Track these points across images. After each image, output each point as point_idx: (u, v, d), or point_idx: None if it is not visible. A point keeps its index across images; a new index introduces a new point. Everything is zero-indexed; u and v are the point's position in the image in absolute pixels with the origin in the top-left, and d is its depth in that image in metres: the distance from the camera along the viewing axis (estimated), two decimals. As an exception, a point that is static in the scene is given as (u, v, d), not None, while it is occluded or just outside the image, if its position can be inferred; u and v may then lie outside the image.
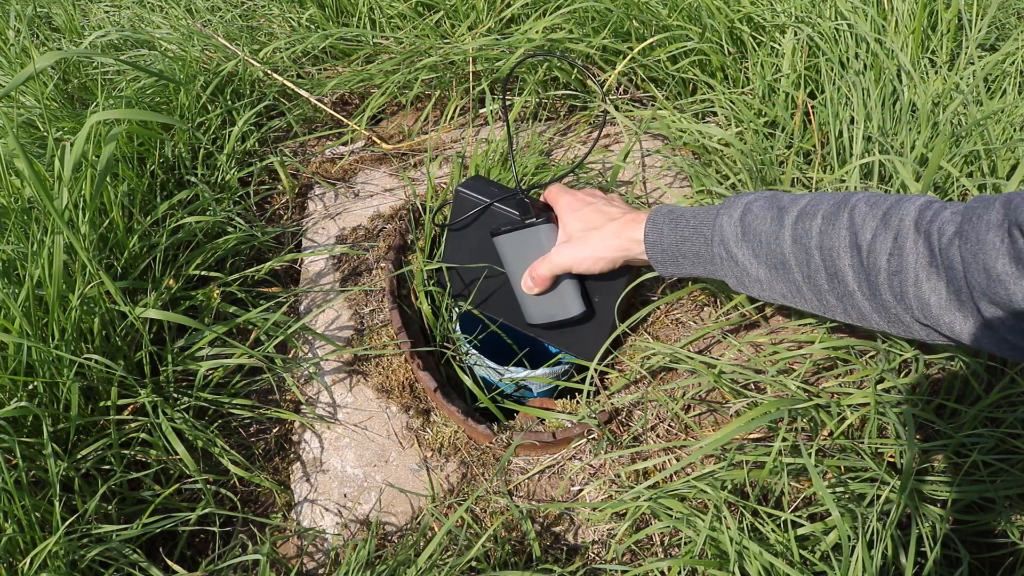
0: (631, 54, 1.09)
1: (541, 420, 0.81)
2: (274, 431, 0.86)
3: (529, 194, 0.81)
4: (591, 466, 0.78)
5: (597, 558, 0.72)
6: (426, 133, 1.19)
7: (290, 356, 0.90)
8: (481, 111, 1.19)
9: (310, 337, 0.92)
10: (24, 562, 0.64)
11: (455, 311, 0.89)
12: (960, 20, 1.09)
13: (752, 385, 0.79)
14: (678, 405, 0.79)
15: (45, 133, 1.00)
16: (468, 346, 0.86)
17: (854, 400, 0.72)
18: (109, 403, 0.77)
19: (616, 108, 1.15)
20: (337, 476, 0.81)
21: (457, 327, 0.88)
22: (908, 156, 0.90)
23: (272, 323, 0.87)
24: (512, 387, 0.89)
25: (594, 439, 0.79)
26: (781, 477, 0.68)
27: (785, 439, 0.68)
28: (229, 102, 1.15)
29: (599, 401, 0.82)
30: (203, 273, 0.92)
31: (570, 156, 1.09)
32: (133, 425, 0.78)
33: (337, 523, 0.77)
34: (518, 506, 0.76)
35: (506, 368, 0.84)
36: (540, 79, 1.15)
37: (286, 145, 1.17)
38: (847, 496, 0.68)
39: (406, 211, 1.04)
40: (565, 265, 0.76)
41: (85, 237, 0.81)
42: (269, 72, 1.20)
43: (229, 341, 0.84)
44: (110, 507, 0.74)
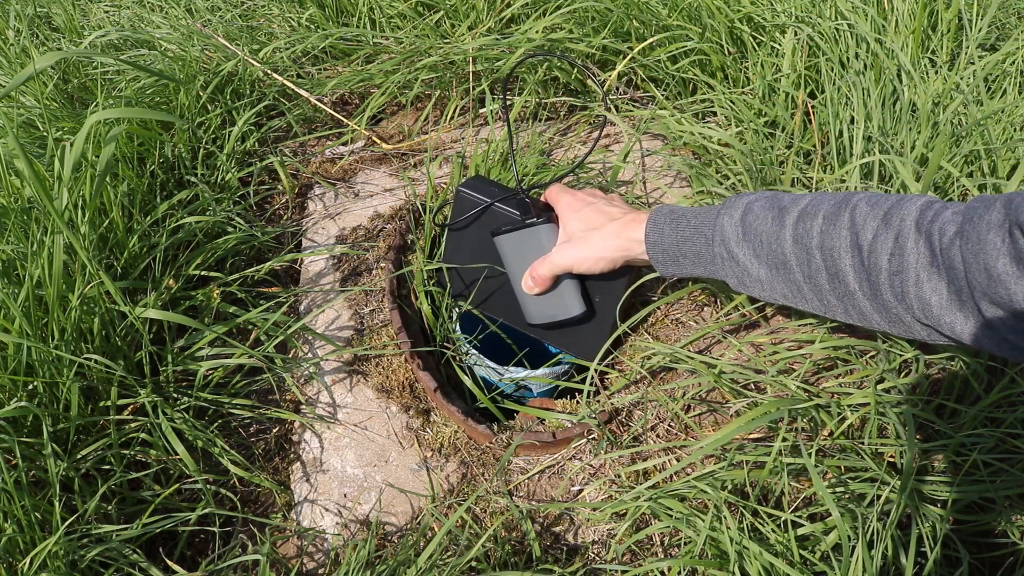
0: (631, 54, 1.09)
1: (541, 420, 0.81)
2: (274, 431, 0.86)
3: (529, 194, 0.81)
4: (591, 466, 0.78)
5: (597, 558, 0.72)
6: (426, 133, 1.19)
7: (290, 356, 0.90)
8: (481, 111, 1.19)
9: (310, 337, 0.92)
10: (24, 562, 0.64)
11: (455, 311, 0.89)
12: (960, 20, 1.09)
13: (752, 385, 0.79)
14: (678, 405, 0.79)
15: (45, 133, 1.00)
16: (468, 346, 0.86)
17: (854, 400, 0.72)
18: (109, 403, 0.77)
19: (616, 108, 1.15)
20: (337, 476, 0.81)
21: (457, 327, 0.88)
22: (908, 156, 0.90)
23: (272, 323, 0.87)
24: (512, 387, 0.89)
25: (594, 439, 0.79)
26: (781, 477, 0.68)
27: (785, 439, 0.68)
28: (229, 102, 1.15)
29: (599, 401, 0.82)
30: (203, 273, 0.92)
31: (570, 156, 1.09)
32: (133, 425, 0.78)
33: (337, 523, 0.77)
34: (518, 506, 0.76)
35: (506, 368, 0.84)
36: (540, 79, 1.15)
37: (286, 145, 1.17)
38: (847, 496, 0.68)
39: (406, 211, 1.04)
40: (566, 265, 0.76)
41: (85, 237, 0.81)
42: (269, 72, 1.20)
43: (229, 341, 0.84)
44: (110, 507, 0.74)
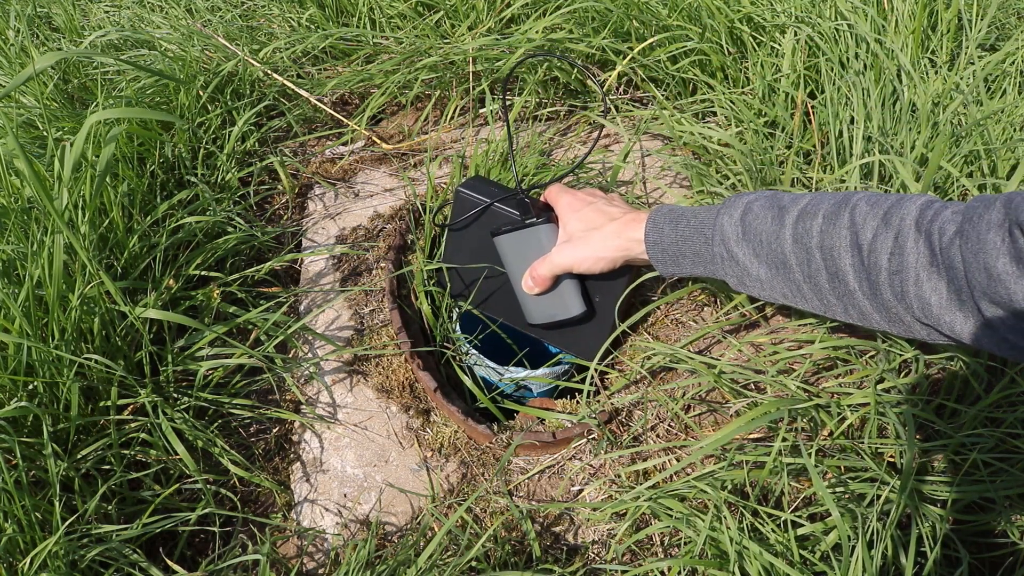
0: (631, 54, 1.09)
1: (541, 420, 0.81)
2: (274, 431, 0.86)
3: (529, 194, 0.81)
4: (591, 466, 0.78)
5: (597, 558, 0.72)
6: (426, 133, 1.19)
7: (290, 356, 0.90)
8: (481, 111, 1.19)
9: (310, 337, 0.92)
10: (24, 562, 0.64)
11: (455, 311, 0.89)
12: (960, 20, 1.09)
13: (752, 385, 0.79)
14: (678, 405, 0.79)
15: (45, 133, 1.00)
16: (468, 346, 0.86)
17: (854, 400, 0.72)
18: (109, 403, 0.77)
19: (616, 108, 1.15)
20: (337, 476, 0.81)
21: (457, 327, 0.88)
22: (908, 156, 0.90)
23: (272, 323, 0.87)
24: (512, 387, 0.89)
25: (594, 439, 0.79)
26: (781, 477, 0.68)
27: (785, 439, 0.68)
28: (229, 102, 1.15)
29: (599, 401, 0.82)
30: (203, 273, 0.92)
31: (570, 156, 1.09)
32: (133, 425, 0.78)
33: (337, 523, 0.77)
34: (518, 506, 0.76)
35: (506, 368, 0.84)
36: (540, 79, 1.15)
37: (286, 145, 1.17)
38: (847, 496, 0.68)
39: (406, 211, 1.04)
40: (565, 265, 0.76)
41: (85, 237, 0.81)
42: (269, 72, 1.20)
43: (229, 341, 0.84)
44: (110, 507, 0.74)
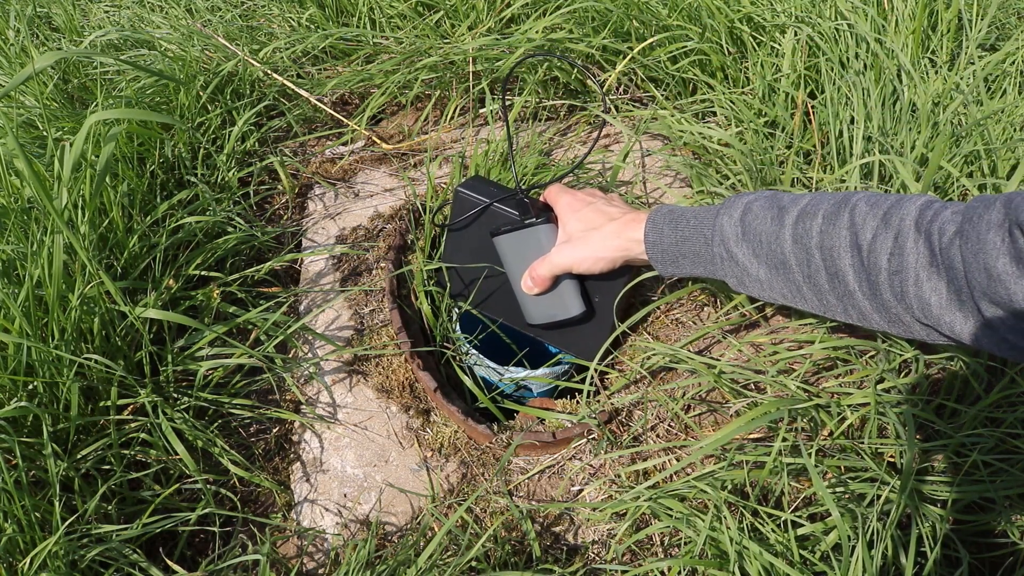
0: (631, 54, 1.09)
1: (541, 420, 0.81)
2: (274, 431, 0.86)
3: (528, 194, 0.81)
4: (591, 466, 0.78)
5: (597, 558, 0.72)
6: (426, 133, 1.19)
7: (290, 356, 0.90)
8: (481, 111, 1.19)
9: (310, 337, 0.92)
10: (24, 562, 0.64)
11: (455, 311, 0.89)
12: (960, 20, 1.09)
13: (752, 385, 0.79)
14: (678, 405, 0.79)
15: (45, 133, 1.00)
16: (468, 346, 0.86)
17: (854, 400, 0.72)
18: (109, 403, 0.77)
19: (616, 108, 1.15)
20: (337, 476, 0.81)
21: (457, 327, 0.88)
22: (908, 156, 0.90)
23: (272, 323, 0.87)
24: (512, 387, 0.89)
25: (594, 439, 0.79)
26: (781, 477, 0.68)
27: (785, 439, 0.68)
28: (229, 102, 1.15)
29: (599, 401, 0.82)
30: (203, 273, 0.92)
31: (570, 156, 1.09)
32: (133, 425, 0.78)
33: (337, 523, 0.77)
34: (518, 506, 0.76)
35: (506, 368, 0.84)
36: (540, 79, 1.15)
37: (286, 145, 1.17)
38: (847, 496, 0.68)
39: (406, 211, 1.04)
40: (565, 265, 0.76)
41: (85, 237, 0.81)
42: (269, 72, 1.20)
43: (229, 341, 0.84)
44: (110, 507, 0.74)
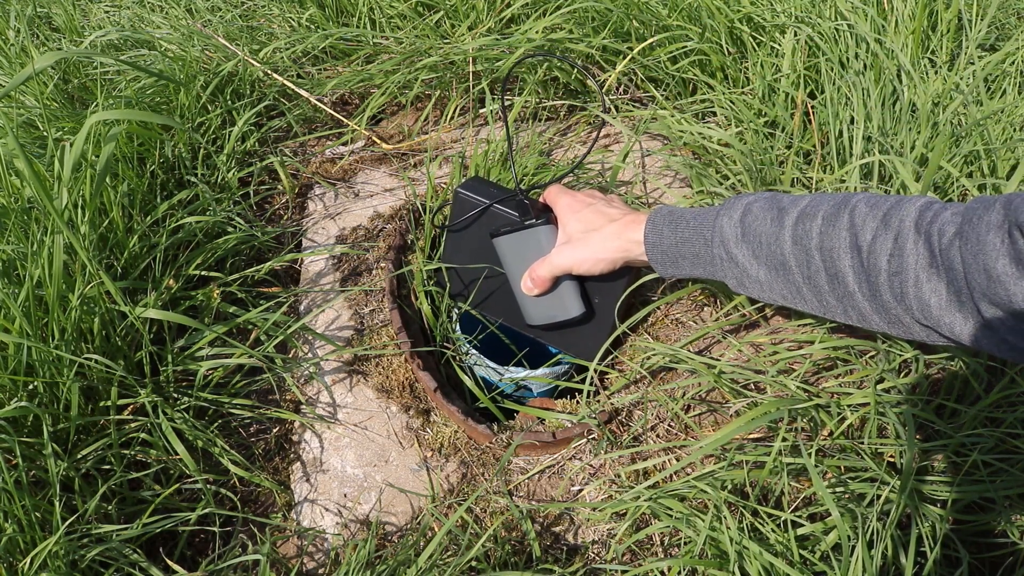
0: (631, 54, 1.09)
1: (541, 420, 0.81)
2: (274, 431, 0.86)
3: (528, 195, 0.81)
4: (591, 466, 0.78)
5: (597, 558, 0.72)
6: (426, 133, 1.19)
7: (290, 356, 0.90)
8: (481, 111, 1.19)
9: (310, 337, 0.92)
10: (24, 562, 0.64)
11: (455, 311, 0.89)
12: (960, 20, 1.09)
13: (752, 385, 0.79)
14: (678, 405, 0.79)
15: (45, 133, 1.00)
16: (468, 346, 0.86)
17: (854, 400, 0.72)
18: (109, 403, 0.77)
19: (616, 108, 1.15)
20: (337, 476, 0.81)
21: (457, 327, 0.88)
22: (908, 156, 0.90)
23: (272, 323, 0.87)
24: (512, 387, 0.89)
25: (594, 439, 0.79)
26: (781, 477, 0.68)
27: (785, 439, 0.68)
28: (229, 102, 1.15)
29: (599, 401, 0.82)
30: (203, 273, 0.92)
31: (570, 156, 1.09)
32: (133, 425, 0.78)
33: (337, 523, 0.77)
34: (518, 506, 0.76)
35: (506, 368, 0.84)
36: (540, 79, 1.15)
37: (286, 145, 1.17)
38: (847, 496, 0.68)
39: (406, 211, 1.04)
40: (565, 266, 0.76)
41: (85, 237, 0.81)
42: (269, 72, 1.20)
43: (229, 341, 0.84)
44: (110, 507, 0.74)
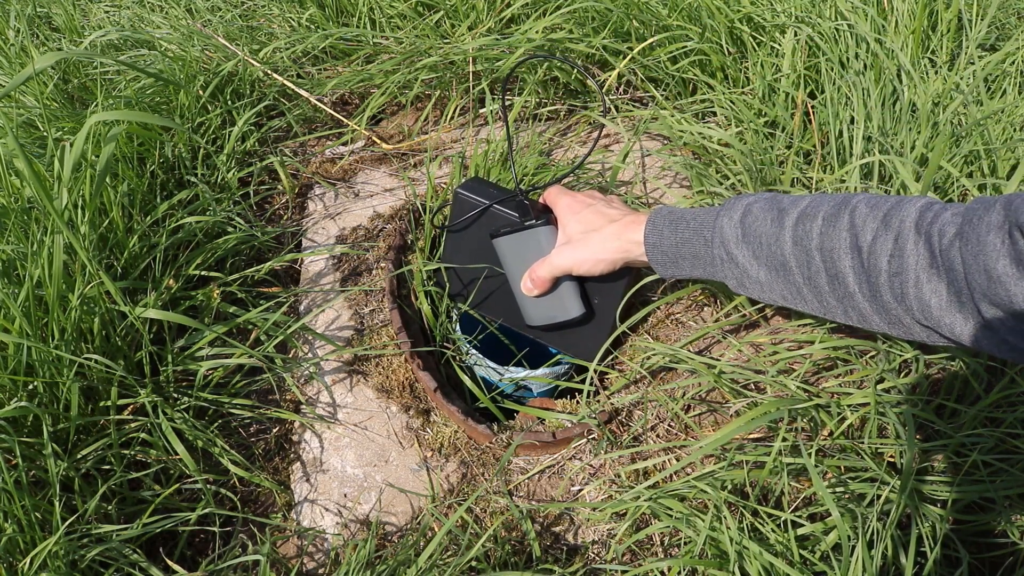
0: (631, 54, 1.09)
1: (541, 420, 0.81)
2: (274, 431, 0.86)
3: (528, 195, 0.81)
4: (591, 466, 0.78)
5: (597, 558, 0.72)
6: (426, 133, 1.19)
7: (290, 356, 0.90)
8: (481, 111, 1.19)
9: (310, 337, 0.92)
10: (24, 562, 0.64)
11: (455, 312, 0.89)
12: (960, 20, 1.09)
13: (752, 385, 0.79)
14: (678, 405, 0.79)
15: (45, 133, 1.00)
16: (468, 346, 0.86)
17: (854, 400, 0.72)
18: (109, 403, 0.77)
19: (616, 108, 1.15)
20: (337, 476, 0.81)
21: (457, 327, 0.88)
22: (908, 156, 0.90)
23: (272, 323, 0.87)
24: (512, 387, 0.89)
25: (594, 439, 0.79)
26: (781, 477, 0.68)
27: (785, 439, 0.68)
28: (229, 102, 1.15)
29: (599, 401, 0.82)
30: (203, 273, 0.92)
31: (570, 156, 1.09)
32: (133, 425, 0.78)
33: (337, 523, 0.77)
34: (518, 506, 0.76)
35: (506, 368, 0.84)
36: (540, 79, 1.15)
37: (286, 145, 1.17)
38: (847, 496, 0.68)
39: (406, 211, 1.04)
40: (565, 267, 0.76)
41: (85, 237, 0.81)
42: (269, 72, 1.20)
43: (229, 341, 0.84)
44: (110, 507, 0.74)
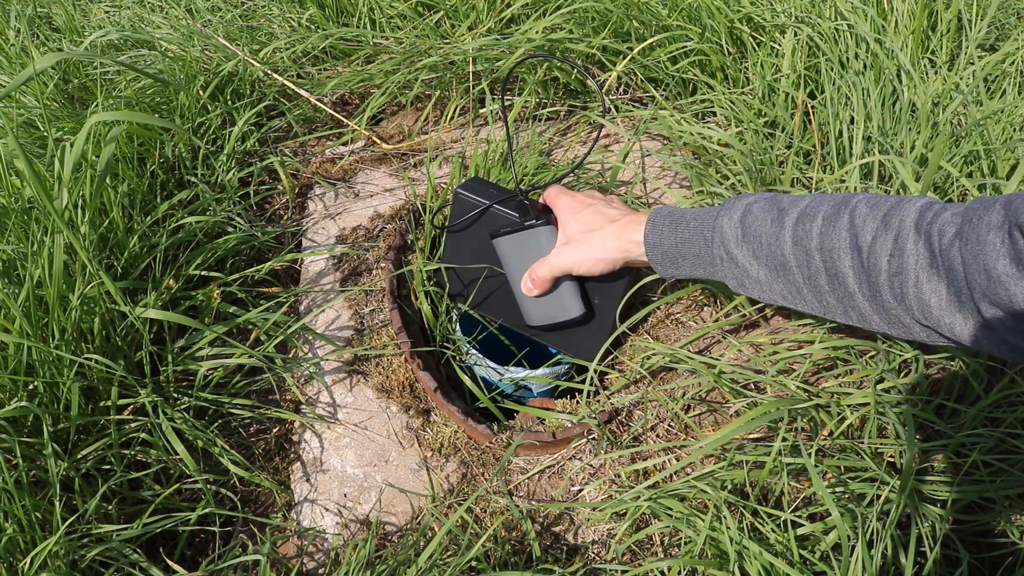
0: (631, 54, 1.09)
1: (541, 420, 0.81)
2: (274, 431, 0.86)
3: (528, 195, 0.81)
4: (591, 466, 0.78)
5: (597, 558, 0.72)
6: (426, 133, 1.19)
7: (290, 356, 0.90)
8: (481, 111, 1.19)
9: (310, 337, 0.92)
10: (24, 562, 0.64)
11: (455, 312, 0.89)
12: (960, 20, 1.09)
13: (752, 385, 0.79)
14: (678, 405, 0.79)
15: (45, 133, 1.00)
16: (468, 346, 0.86)
17: (854, 400, 0.72)
18: (109, 403, 0.77)
19: (616, 108, 1.15)
20: (337, 476, 0.81)
21: (457, 327, 0.88)
22: (908, 156, 0.90)
23: (272, 323, 0.87)
24: (512, 387, 0.89)
25: (594, 439, 0.79)
26: (781, 477, 0.68)
27: (785, 439, 0.68)
28: (229, 102, 1.15)
29: (599, 401, 0.82)
30: (203, 273, 0.92)
31: (570, 156, 1.09)
32: (133, 425, 0.78)
33: (337, 523, 0.77)
34: (518, 506, 0.76)
35: (506, 368, 0.84)
36: (540, 79, 1.15)
37: (286, 145, 1.17)
38: (847, 496, 0.68)
39: (406, 211, 1.04)
40: (565, 267, 0.76)
41: (85, 237, 0.81)
42: (269, 72, 1.20)
43: (229, 341, 0.84)
44: (110, 507, 0.74)
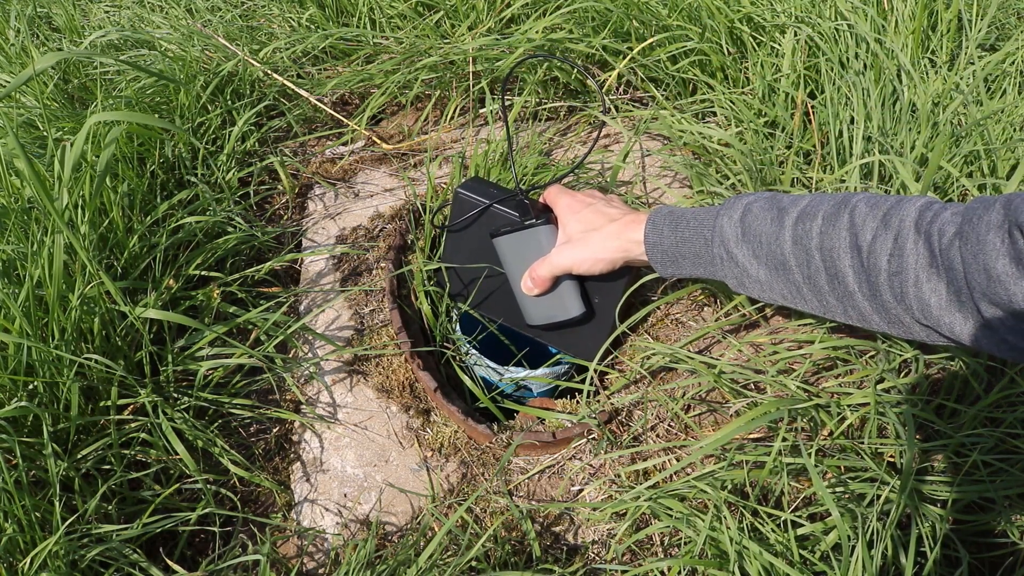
0: (631, 54, 1.09)
1: (541, 420, 0.81)
2: (274, 431, 0.86)
3: (528, 195, 0.81)
4: (591, 466, 0.78)
5: (597, 558, 0.72)
6: (426, 133, 1.19)
7: (290, 356, 0.90)
8: (481, 111, 1.19)
9: (310, 337, 0.92)
10: (24, 562, 0.64)
11: (455, 312, 0.89)
12: (960, 20, 1.09)
13: (752, 385, 0.79)
14: (678, 405, 0.79)
15: (45, 133, 1.00)
16: (468, 346, 0.86)
17: (854, 400, 0.72)
18: (109, 403, 0.77)
19: (616, 108, 1.15)
20: (337, 476, 0.81)
21: (457, 327, 0.88)
22: (908, 156, 0.90)
23: (272, 323, 0.87)
24: (512, 387, 0.89)
25: (594, 439, 0.79)
26: (781, 477, 0.68)
27: (785, 439, 0.68)
28: (229, 102, 1.15)
29: (599, 401, 0.82)
30: (203, 273, 0.92)
31: (570, 156, 1.09)
32: (133, 425, 0.78)
33: (337, 523, 0.77)
34: (518, 506, 0.76)
35: (506, 368, 0.84)
36: (540, 79, 1.15)
37: (286, 145, 1.17)
38: (847, 496, 0.68)
39: (406, 211, 1.04)
40: (565, 266, 0.76)
41: (85, 237, 0.81)
42: (269, 72, 1.20)
43: (229, 341, 0.84)
44: (110, 507, 0.74)
